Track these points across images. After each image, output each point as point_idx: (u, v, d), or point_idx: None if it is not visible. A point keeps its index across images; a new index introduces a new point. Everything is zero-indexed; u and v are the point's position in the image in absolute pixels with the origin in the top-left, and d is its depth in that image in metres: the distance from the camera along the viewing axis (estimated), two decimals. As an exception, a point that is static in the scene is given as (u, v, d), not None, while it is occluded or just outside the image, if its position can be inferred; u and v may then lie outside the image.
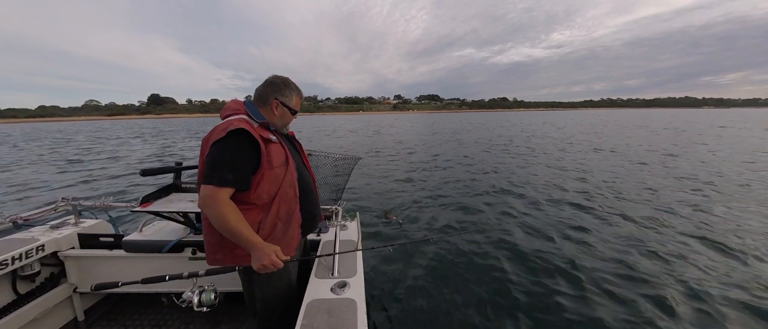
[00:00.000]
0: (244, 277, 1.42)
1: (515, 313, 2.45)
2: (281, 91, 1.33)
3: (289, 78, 1.38)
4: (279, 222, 1.26)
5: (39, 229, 1.95)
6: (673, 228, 4.05)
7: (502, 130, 24.35)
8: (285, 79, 1.36)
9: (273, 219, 1.25)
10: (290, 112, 1.38)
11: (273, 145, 1.25)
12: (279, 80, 1.35)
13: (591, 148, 12.06)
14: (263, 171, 1.20)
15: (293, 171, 1.31)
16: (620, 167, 8.22)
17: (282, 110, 1.34)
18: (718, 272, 2.96)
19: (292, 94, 1.37)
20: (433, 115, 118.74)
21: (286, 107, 1.35)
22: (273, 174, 1.23)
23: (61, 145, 17.78)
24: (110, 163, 10.88)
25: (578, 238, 3.77)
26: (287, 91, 1.34)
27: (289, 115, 1.38)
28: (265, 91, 1.32)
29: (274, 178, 1.23)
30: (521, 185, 6.51)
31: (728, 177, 6.88)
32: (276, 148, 1.26)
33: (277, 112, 1.33)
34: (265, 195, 1.22)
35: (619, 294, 2.65)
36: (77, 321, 1.95)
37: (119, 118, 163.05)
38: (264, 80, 1.36)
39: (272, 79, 1.35)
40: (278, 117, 1.35)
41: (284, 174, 1.26)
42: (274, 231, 1.25)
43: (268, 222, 1.23)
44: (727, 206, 4.87)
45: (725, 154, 10.13)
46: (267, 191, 1.22)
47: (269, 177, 1.22)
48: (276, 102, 1.32)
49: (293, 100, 1.37)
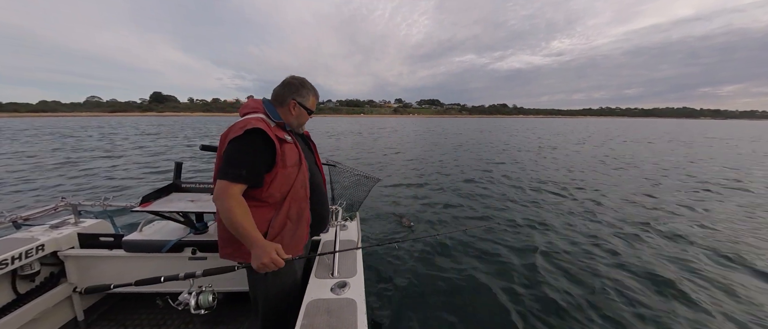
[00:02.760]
0: (251, 275, 1.42)
1: (515, 314, 2.45)
2: (299, 92, 1.36)
3: (305, 79, 1.40)
4: (289, 222, 1.28)
5: (39, 229, 1.95)
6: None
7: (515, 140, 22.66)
8: (302, 80, 1.39)
9: (283, 218, 1.27)
10: (307, 112, 1.40)
11: (288, 144, 1.28)
12: (296, 81, 1.38)
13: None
14: (277, 170, 1.23)
15: (306, 172, 1.33)
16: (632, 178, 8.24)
17: (299, 110, 1.37)
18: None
19: (309, 94, 1.39)
20: (433, 120, 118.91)
21: (303, 107, 1.38)
22: (286, 173, 1.25)
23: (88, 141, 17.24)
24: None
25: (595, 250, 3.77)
26: (304, 92, 1.37)
27: (305, 115, 1.41)
28: (282, 91, 1.35)
29: (286, 178, 1.25)
30: (533, 191, 6.51)
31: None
32: (290, 148, 1.28)
33: (294, 112, 1.36)
34: (277, 194, 1.25)
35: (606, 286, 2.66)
36: (77, 320, 1.95)
37: (122, 114, 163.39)
38: (282, 81, 1.39)
39: (290, 80, 1.38)
40: (295, 117, 1.37)
41: (297, 174, 1.29)
42: (283, 230, 1.27)
43: (278, 221, 1.26)
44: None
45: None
46: (279, 190, 1.25)
47: (282, 177, 1.24)
48: (294, 102, 1.35)
49: (310, 101, 1.40)
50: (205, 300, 1.17)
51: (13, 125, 39.50)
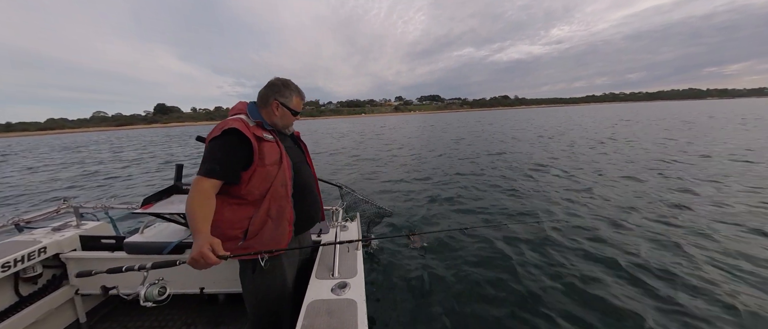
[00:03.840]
0: (241, 276, 1.42)
1: (516, 314, 2.40)
2: (281, 92, 1.38)
3: (290, 80, 1.43)
4: (269, 220, 1.30)
5: (41, 231, 1.96)
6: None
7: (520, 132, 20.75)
8: (285, 81, 1.42)
9: (263, 216, 1.28)
10: (291, 113, 1.42)
11: (267, 143, 1.30)
12: (279, 82, 1.41)
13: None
14: (255, 167, 1.25)
15: (286, 171, 1.33)
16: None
17: (282, 111, 1.39)
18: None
19: (292, 94, 1.41)
20: (435, 115, 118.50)
21: (286, 108, 1.39)
22: (265, 171, 1.27)
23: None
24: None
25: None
26: (287, 92, 1.39)
27: (289, 115, 1.42)
28: (265, 92, 1.39)
29: (266, 175, 1.27)
30: (536, 187, 6.43)
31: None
32: (270, 146, 1.31)
33: (278, 113, 1.38)
34: (256, 192, 1.27)
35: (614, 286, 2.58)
36: (79, 323, 1.96)
37: (128, 127, 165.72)
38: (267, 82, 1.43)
39: (273, 81, 1.41)
40: (279, 117, 1.39)
41: (277, 173, 1.30)
42: (263, 227, 1.29)
43: (258, 219, 1.28)
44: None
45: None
46: (258, 188, 1.27)
47: (261, 174, 1.26)
48: (276, 103, 1.37)
49: (293, 101, 1.41)
50: (151, 293, 1.14)
51: (31, 142, 40.33)
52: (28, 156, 19.70)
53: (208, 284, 1.93)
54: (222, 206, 1.24)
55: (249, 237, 1.27)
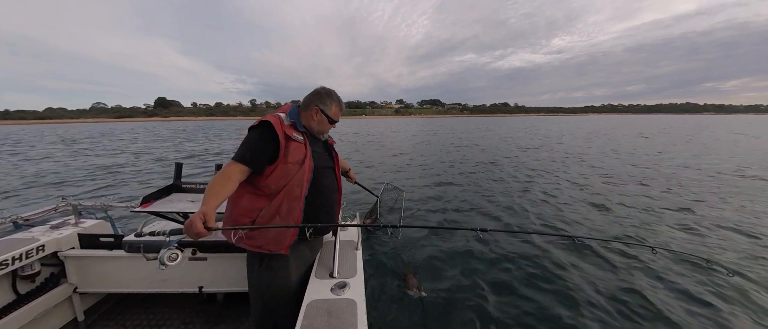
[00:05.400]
0: (248, 269, 1.46)
1: (516, 314, 2.41)
2: (322, 100, 1.49)
3: (334, 91, 1.54)
4: (278, 217, 1.33)
5: (39, 229, 1.96)
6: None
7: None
8: (329, 91, 1.52)
9: (273, 212, 1.33)
10: (328, 120, 1.51)
11: (295, 142, 1.37)
12: (323, 91, 1.51)
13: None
14: (278, 163, 1.33)
15: (306, 172, 1.38)
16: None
17: (320, 117, 1.49)
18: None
19: (333, 104, 1.51)
20: (436, 120, 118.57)
21: (324, 115, 1.49)
22: (286, 168, 1.33)
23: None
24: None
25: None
26: (328, 101, 1.50)
27: (326, 122, 1.51)
28: (309, 98, 1.50)
29: (285, 172, 1.33)
30: (538, 193, 6.45)
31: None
32: (297, 146, 1.38)
33: (316, 118, 1.48)
34: (273, 186, 1.33)
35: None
36: (77, 321, 1.95)
37: (128, 120, 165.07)
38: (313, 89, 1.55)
39: (318, 90, 1.52)
40: (316, 122, 1.49)
41: (296, 172, 1.35)
42: (270, 223, 1.33)
43: (268, 213, 1.32)
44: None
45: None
46: (276, 182, 1.33)
47: (282, 171, 1.33)
48: (316, 109, 1.47)
49: (332, 110, 1.52)
50: (163, 257, 1.16)
51: (31, 131, 39.83)
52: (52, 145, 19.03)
53: (206, 283, 1.93)
54: (243, 192, 1.33)
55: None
